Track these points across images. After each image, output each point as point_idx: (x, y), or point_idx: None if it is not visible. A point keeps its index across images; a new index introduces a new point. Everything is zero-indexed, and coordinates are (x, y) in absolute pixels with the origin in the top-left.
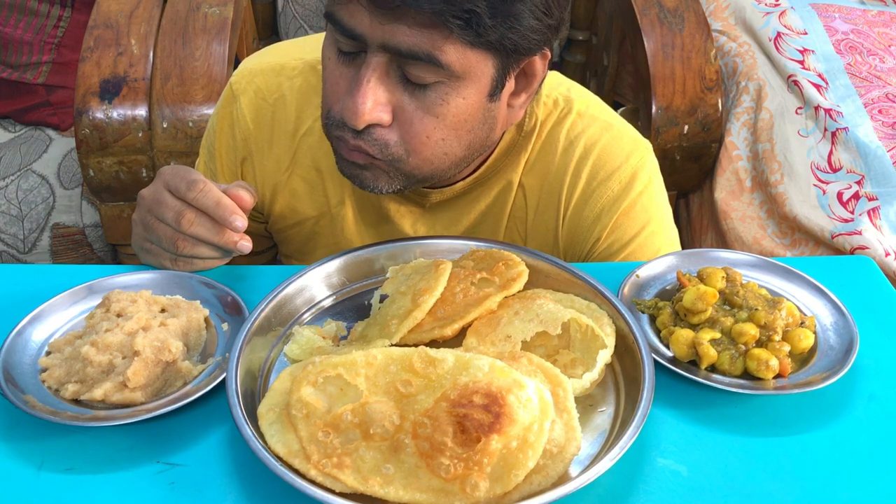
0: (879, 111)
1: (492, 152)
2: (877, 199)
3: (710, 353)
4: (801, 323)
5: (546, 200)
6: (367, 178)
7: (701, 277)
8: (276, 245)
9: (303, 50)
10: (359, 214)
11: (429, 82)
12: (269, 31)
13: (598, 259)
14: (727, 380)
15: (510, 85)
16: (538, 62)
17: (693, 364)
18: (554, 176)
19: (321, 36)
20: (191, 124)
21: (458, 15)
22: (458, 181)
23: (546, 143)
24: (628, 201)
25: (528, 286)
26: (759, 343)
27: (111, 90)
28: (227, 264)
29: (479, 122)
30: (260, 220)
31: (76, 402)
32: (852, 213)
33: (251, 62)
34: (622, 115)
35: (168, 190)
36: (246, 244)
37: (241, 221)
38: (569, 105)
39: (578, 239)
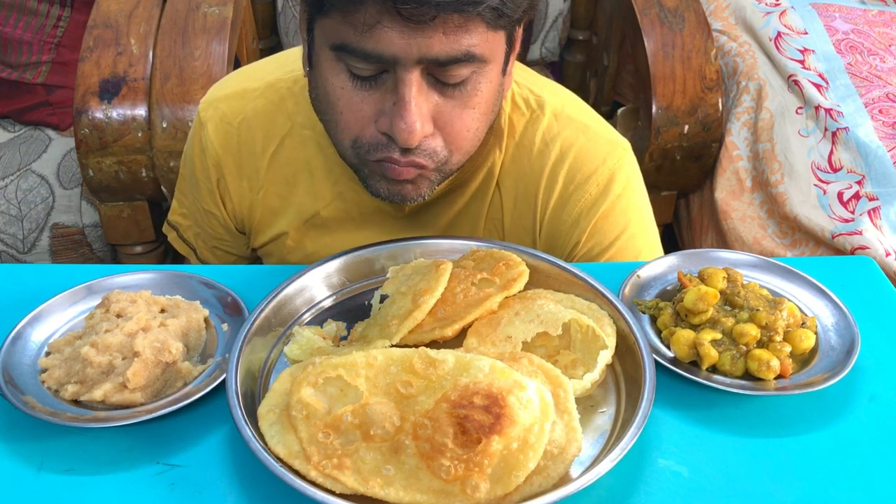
0: (880, 111)
1: None
2: (877, 199)
3: (711, 354)
4: (802, 323)
5: (522, 203)
6: (410, 191)
7: (702, 278)
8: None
9: (265, 71)
10: (337, 225)
11: (464, 78)
12: (269, 30)
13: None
14: (728, 380)
15: None
16: (521, 27)
17: (694, 365)
18: (529, 179)
19: (282, 56)
20: (190, 124)
21: (493, 6)
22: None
23: (520, 144)
24: (607, 204)
25: (528, 286)
26: (760, 343)
27: (111, 90)
28: (227, 264)
29: (498, 99)
30: (245, 243)
31: (76, 402)
32: (853, 213)
33: (216, 89)
34: (622, 115)
35: None
36: None
37: None
38: (541, 105)
39: (558, 243)
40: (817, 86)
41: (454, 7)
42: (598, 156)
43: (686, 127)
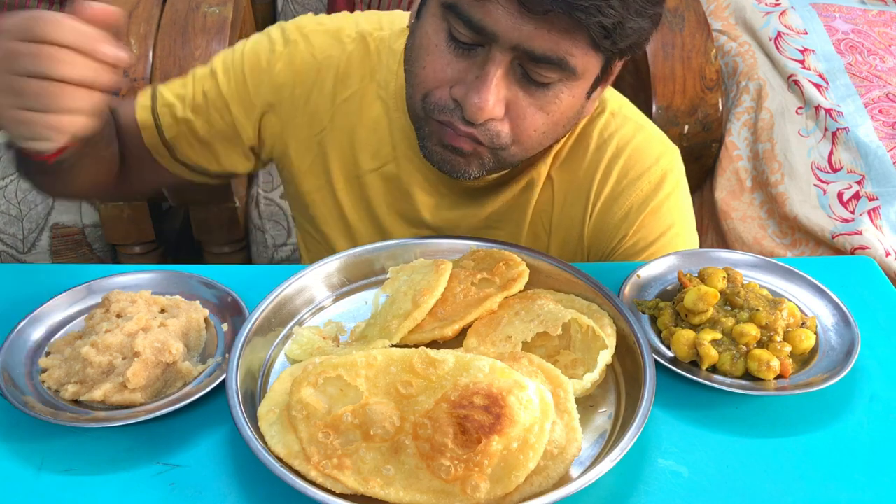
0: (880, 111)
1: None
2: (877, 198)
3: (711, 354)
4: (803, 323)
5: (574, 196)
6: (460, 164)
7: (702, 278)
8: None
9: (357, 20)
10: (384, 188)
11: (550, 82)
12: None
13: (621, 257)
14: (728, 380)
15: None
16: (620, 63)
17: (694, 365)
18: (584, 172)
19: (377, 13)
20: None
21: (605, 25)
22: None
23: (578, 139)
24: (656, 202)
25: (528, 286)
26: (761, 343)
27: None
28: (226, 263)
29: (574, 117)
30: (237, 159)
31: (76, 402)
32: (853, 212)
33: (311, 20)
34: None
35: (17, 39)
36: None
37: (112, 49)
38: (602, 104)
39: (604, 236)
40: (817, 86)
41: (568, 8)
42: (652, 154)
43: (686, 127)
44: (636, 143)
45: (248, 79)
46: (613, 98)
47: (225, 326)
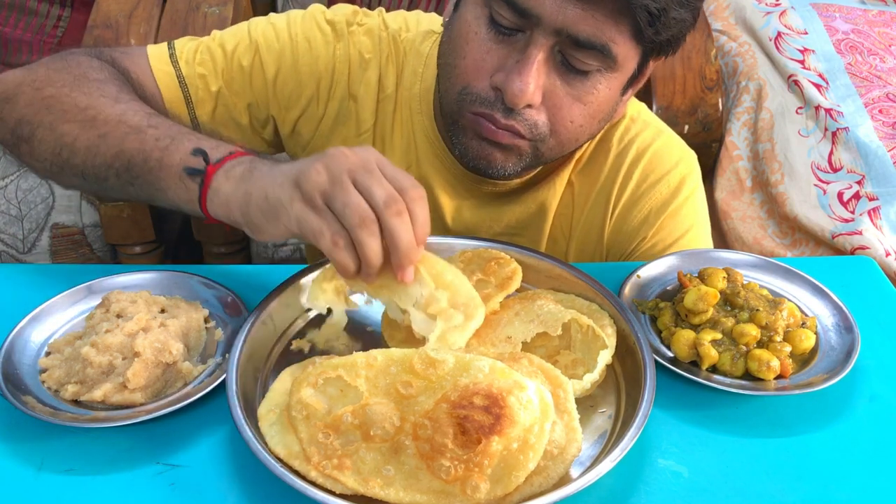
0: (880, 111)
1: None
2: (877, 199)
3: (711, 354)
4: (803, 323)
5: (595, 200)
6: (498, 160)
7: (702, 278)
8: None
9: (385, 20)
10: None
11: (589, 70)
12: None
13: (639, 260)
14: (728, 380)
15: None
16: (653, 63)
17: (694, 365)
18: (605, 177)
19: (415, 14)
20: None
21: (651, 10)
22: (515, 178)
23: (599, 144)
24: (675, 205)
25: (530, 286)
26: (761, 344)
27: None
28: (226, 263)
29: (608, 114)
30: (261, 137)
31: (76, 402)
32: (853, 212)
33: (350, 12)
34: None
35: (380, 169)
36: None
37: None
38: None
39: (623, 238)
40: (817, 86)
41: None
42: (671, 158)
43: (686, 127)
44: (656, 147)
45: (300, 64)
46: (632, 103)
47: (225, 326)
